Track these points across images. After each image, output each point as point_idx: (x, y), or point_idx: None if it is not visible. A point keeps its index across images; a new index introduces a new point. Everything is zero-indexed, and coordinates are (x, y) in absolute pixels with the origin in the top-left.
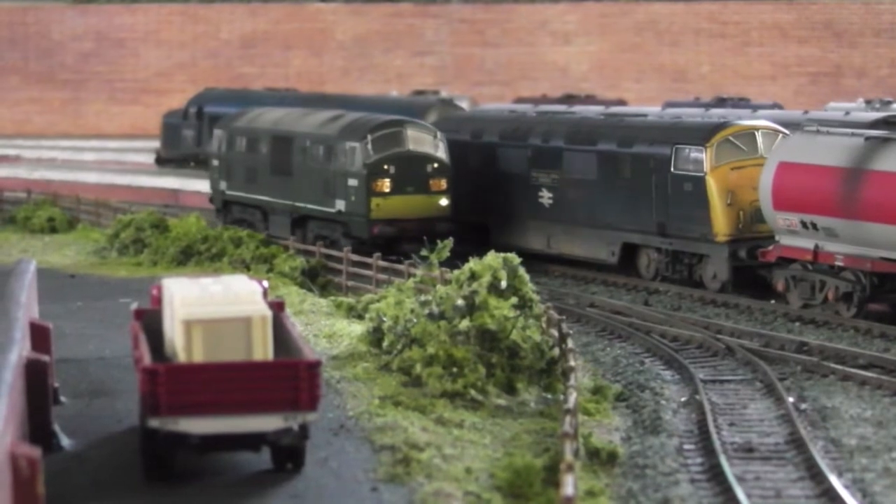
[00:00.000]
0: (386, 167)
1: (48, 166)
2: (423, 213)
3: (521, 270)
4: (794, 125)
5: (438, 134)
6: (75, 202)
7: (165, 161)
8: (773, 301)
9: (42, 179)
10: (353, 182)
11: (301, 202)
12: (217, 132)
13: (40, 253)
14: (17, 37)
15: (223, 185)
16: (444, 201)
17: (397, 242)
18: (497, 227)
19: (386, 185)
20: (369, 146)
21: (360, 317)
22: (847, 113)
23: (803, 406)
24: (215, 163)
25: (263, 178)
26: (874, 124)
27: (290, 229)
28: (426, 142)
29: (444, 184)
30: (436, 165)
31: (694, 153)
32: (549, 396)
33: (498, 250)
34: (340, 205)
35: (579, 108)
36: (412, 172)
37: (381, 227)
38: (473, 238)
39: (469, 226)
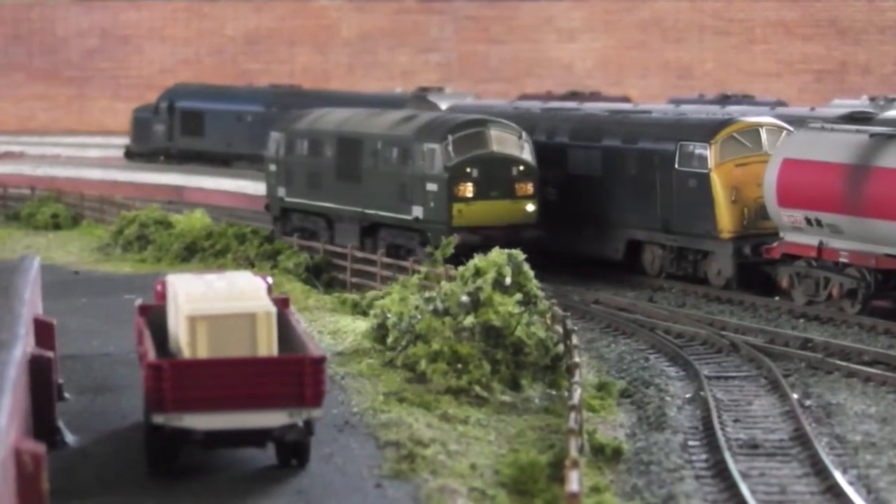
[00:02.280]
0: (468, 170)
1: (52, 163)
2: (508, 219)
3: (526, 267)
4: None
5: (523, 134)
6: (79, 199)
7: (136, 155)
8: (777, 297)
9: (46, 176)
10: (432, 187)
11: (371, 209)
12: (274, 135)
13: (44, 249)
14: (21, 33)
15: (282, 191)
16: (530, 207)
17: (480, 251)
18: None
19: (468, 189)
20: (450, 148)
21: (365, 313)
22: (813, 108)
23: (808, 402)
24: (272, 168)
25: (328, 184)
26: (839, 119)
27: (358, 238)
28: (510, 142)
29: (530, 188)
30: (521, 168)
31: (698, 150)
32: (554, 393)
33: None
34: (417, 211)
35: (586, 105)
36: (496, 176)
37: (464, 235)
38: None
39: None
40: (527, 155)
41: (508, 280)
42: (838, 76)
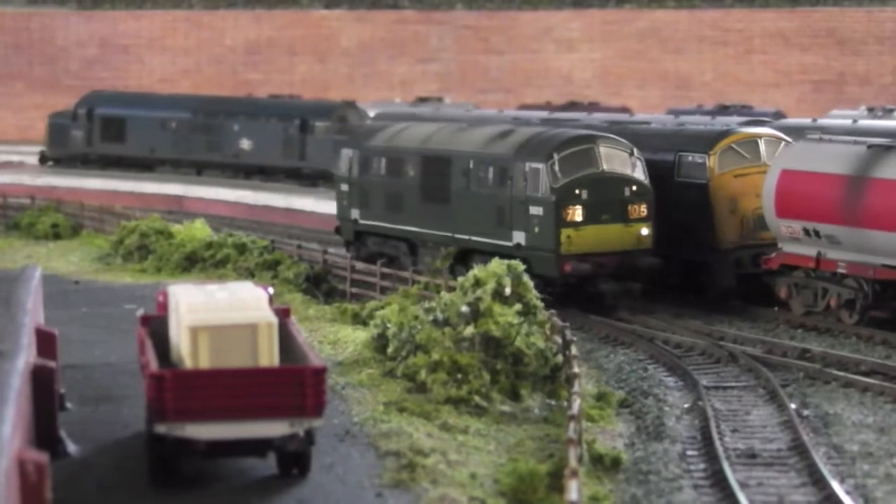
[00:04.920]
0: (577, 192)
1: (52, 172)
2: (621, 245)
3: (525, 277)
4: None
5: (635, 150)
6: (79, 208)
7: (51, 160)
8: (775, 308)
9: (46, 185)
10: (536, 210)
11: (463, 234)
12: (346, 152)
13: (44, 259)
14: (21, 43)
15: (355, 213)
16: (645, 231)
17: (591, 281)
18: None
19: (578, 213)
20: (556, 167)
21: (365, 323)
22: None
23: (805, 412)
24: (344, 188)
25: (412, 206)
26: (742, 125)
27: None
28: (622, 160)
29: (644, 210)
30: (634, 188)
31: (697, 160)
32: (553, 403)
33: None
34: (519, 237)
35: (581, 115)
36: (608, 197)
37: (574, 263)
38: None
39: None
40: (639, 173)
41: (508, 290)
42: (837, 86)
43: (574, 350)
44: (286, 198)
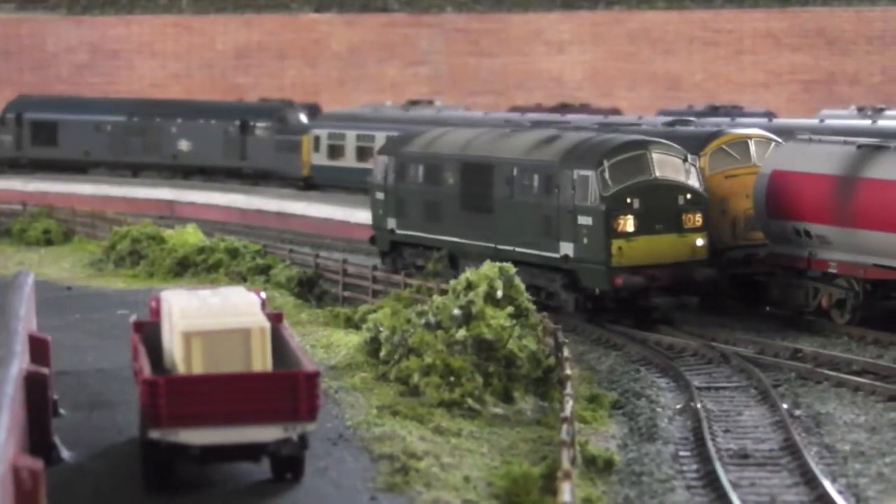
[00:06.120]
0: (629, 201)
1: (43, 178)
2: (675, 257)
3: (517, 280)
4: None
5: (689, 156)
6: (71, 214)
7: None
8: (767, 308)
9: (37, 191)
10: (584, 220)
11: (506, 244)
12: (381, 159)
13: (36, 265)
14: (11, 48)
15: (392, 222)
16: (700, 241)
17: (643, 295)
18: None
19: (629, 223)
20: (606, 174)
21: (357, 327)
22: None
23: (797, 412)
24: (379, 196)
25: (451, 215)
26: (666, 125)
27: None
28: (675, 167)
29: (699, 219)
30: (689, 196)
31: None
32: (546, 405)
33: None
34: (566, 249)
35: (573, 117)
36: (661, 206)
37: (626, 276)
38: None
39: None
40: (694, 181)
41: (500, 293)
42: (826, 86)
43: (566, 352)
44: (278, 202)
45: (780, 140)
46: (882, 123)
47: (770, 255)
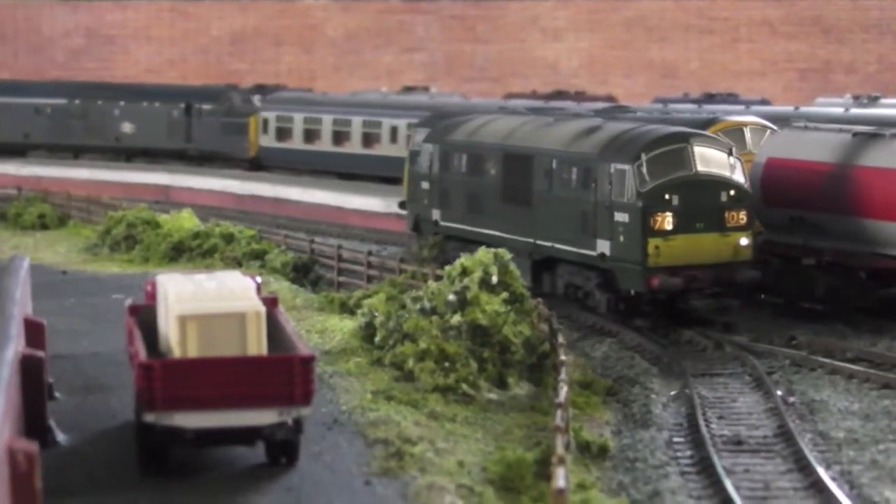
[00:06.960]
0: (667, 197)
1: (38, 162)
2: (717, 257)
3: (512, 266)
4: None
5: (734, 150)
6: (66, 199)
7: None
8: (762, 296)
9: (32, 176)
10: (621, 217)
11: (545, 240)
12: (426, 147)
13: (32, 250)
14: (6, 33)
15: (436, 213)
16: (744, 241)
17: (682, 297)
18: None
19: (668, 220)
20: (644, 169)
21: (352, 312)
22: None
23: (791, 399)
24: (424, 185)
25: (492, 208)
26: (600, 112)
27: (529, 274)
28: (719, 161)
29: (743, 217)
30: (732, 193)
31: None
32: (540, 391)
33: None
34: (603, 247)
35: (566, 104)
36: (702, 203)
37: (663, 277)
38: None
39: None
40: (738, 176)
41: (495, 279)
42: (822, 75)
43: (561, 338)
44: (273, 187)
45: (775, 128)
46: (855, 111)
47: (765, 242)
